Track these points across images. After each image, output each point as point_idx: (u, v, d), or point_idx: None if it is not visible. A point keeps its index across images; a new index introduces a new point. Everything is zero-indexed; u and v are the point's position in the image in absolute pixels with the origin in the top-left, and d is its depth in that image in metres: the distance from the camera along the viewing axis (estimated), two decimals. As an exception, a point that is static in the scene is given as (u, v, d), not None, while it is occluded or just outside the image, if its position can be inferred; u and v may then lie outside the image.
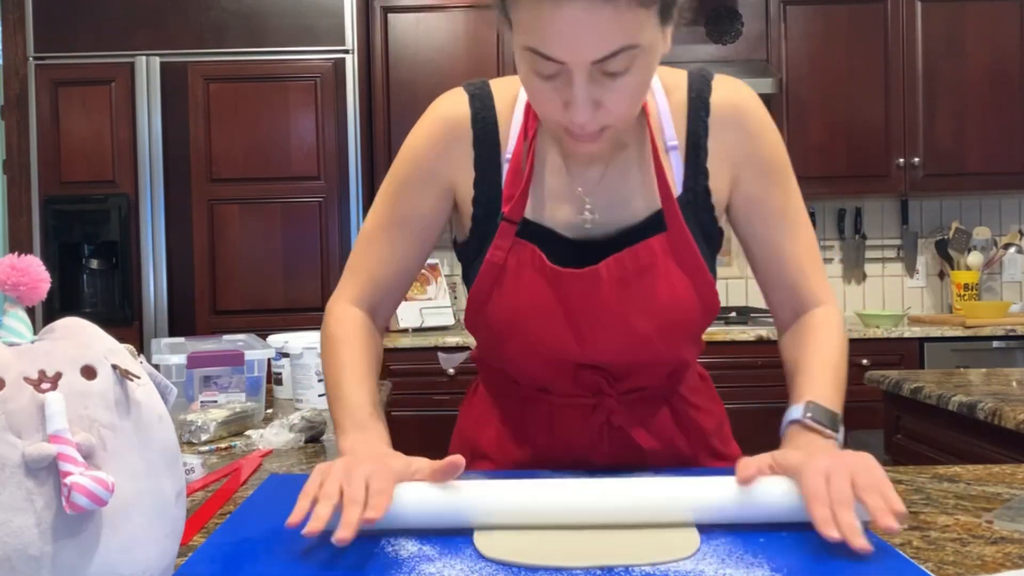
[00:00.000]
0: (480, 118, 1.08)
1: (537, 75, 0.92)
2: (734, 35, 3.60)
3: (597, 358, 1.06)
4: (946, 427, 1.98)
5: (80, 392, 0.62)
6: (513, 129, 1.07)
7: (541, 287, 1.03)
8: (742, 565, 0.75)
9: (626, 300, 1.02)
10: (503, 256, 1.03)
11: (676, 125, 1.06)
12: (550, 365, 1.08)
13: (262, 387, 1.72)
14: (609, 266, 1.01)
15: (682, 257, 1.03)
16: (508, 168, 1.06)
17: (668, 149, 1.05)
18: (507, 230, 1.04)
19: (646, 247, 1.02)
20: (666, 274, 1.02)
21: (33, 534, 0.57)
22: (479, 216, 1.07)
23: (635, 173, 1.05)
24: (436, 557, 0.78)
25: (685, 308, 1.04)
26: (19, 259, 0.65)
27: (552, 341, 1.04)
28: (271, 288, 3.24)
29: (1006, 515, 0.90)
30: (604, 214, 1.05)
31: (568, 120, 0.93)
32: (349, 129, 3.24)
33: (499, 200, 1.06)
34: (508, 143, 1.07)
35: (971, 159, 3.58)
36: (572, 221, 1.05)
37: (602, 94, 0.90)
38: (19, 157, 3.37)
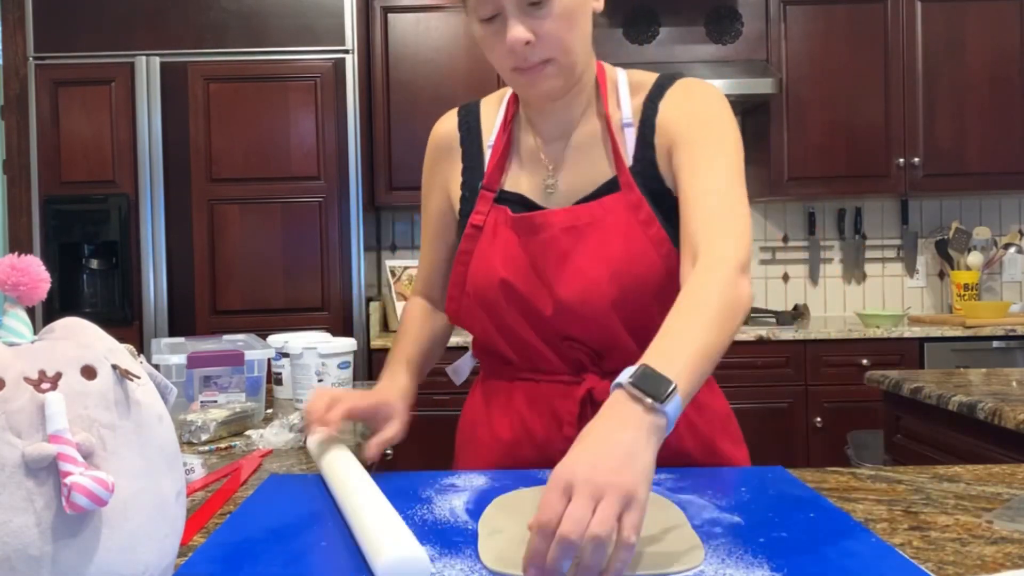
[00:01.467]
0: (465, 122, 1.28)
1: (482, 23, 1.08)
2: (734, 35, 3.60)
3: (563, 308, 1.13)
4: (946, 427, 1.98)
5: (80, 392, 0.62)
6: (496, 123, 1.24)
7: (512, 240, 1.16)
8: (742, 565, 0.75)
9: (578, 248, 1.13)
10: (482, 218, 1.20)
11: (635, 110, 1.18)
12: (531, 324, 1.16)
13: (262, 387, 1.72)
14: (559, 215, 1.15)
15: (635, 212, 1.13)
16: (491, 151, 1.23)
17: (624, 126, 1.17)
18: (486, 197, 1.21)
19: (599, 203, 1.14)
20: (617, 226, 1.12)
21: (33, 534, 0.57)
22: (466, 196, 1.24)
23: (593, 146, 1.19)
24: (436, 557, 0.78)
25: (640, 259, 1.11)
26: (19, 259, 0.65)
27: (519, 288, 1.15)
28: (271, 288, 3.24)
29: (1006, 515, 0.90)
30: (566, 182, 1.19)
31: (514, 58, 1.08)
32: (349, 129, 3.24)
33: (481, 180, 1.22)
34: (491, 135, 1.24)
35: (971, 159, 3.58)
36: (539, 187, 1.20)
37: (533, 24, 1.06)
38: (19, 157, 3.37)
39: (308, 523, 0.90)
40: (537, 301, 1.15)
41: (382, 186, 3.56)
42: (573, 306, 1.13)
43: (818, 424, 3.30)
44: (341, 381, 1.82)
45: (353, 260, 3.24)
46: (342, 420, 1.12)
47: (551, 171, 1.19)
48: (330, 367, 1.80)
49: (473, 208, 1.21)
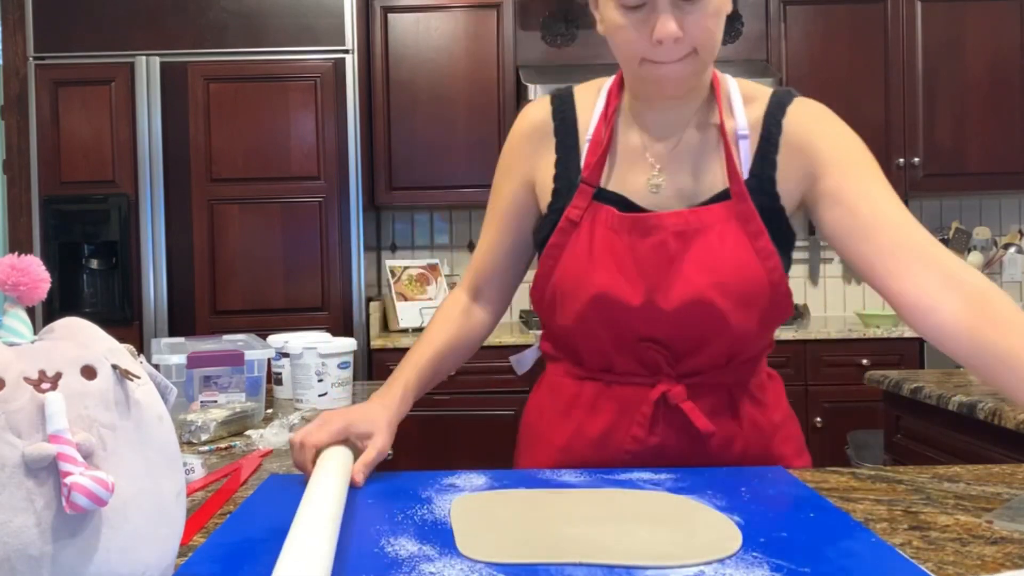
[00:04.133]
0: (560, 110, 1.20)
1: (624, 9, 1.03)
2: (734, 35, 3.60)
3: (659, 314, 1.10)
4: (946, 427, 1.98)
5: (80, 392, 0.61)
6: (595, 113, 1.18)
7: (611, 240, 1.11)
8: (742, 565, 0.75)
9: (686, 253, 1.09)
10: (579, 213, 1.14)
11: (751, 122, 1.14)
12: (615, 327, 1.13)
13: (262, 387, 1.72)
14: (671, 218, 1.10)
15: (744, 223, 1.10)
16: (589, 143, 1.17)
17: (739, 137, 1.13)
18: (585, 191, 1.14)
19: (709, 210, 1.11)
20: (725, 235, 1.09)
21: (33, 534, 0.57)
22: (559, 189, 1.17)
23: (704, 151, 1.14)
24: (436, 557, 0.78)
25: (746, 270, 1.09)
26: (19, 259, 0.65)
27: (616, 291, 1.10)
28: (271, 288, 3.23)
29: (1006, 515, 0.90)
30: (671, 185, 1.14)
31: (653, 49, 1.02)
32: (349, 129, 3.24)
33: (578, 174, 1.16)
34: (589, 127, 1.18)
35: (971, 159, 3.58)
36: (642, 189, 1.14)
37: (682, 17, 1.01)
38: (19, 157, 3.37)
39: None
40: (631, 304, 1.10)
41: (382, 186, 3.56)
42: (674, 312, 1.09)
43: (818, 424, 3.30)
44: (341, 381, 1.82)
45: (353, 260, 3.24)
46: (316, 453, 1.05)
47: (657, 172, 1.14)
48: (330, 367, 1.80)
49: (569, 202, 1.15)
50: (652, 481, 1.04)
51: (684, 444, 1.14)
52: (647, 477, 1.06)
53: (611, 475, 1.07)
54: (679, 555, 0.76)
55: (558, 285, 1.15)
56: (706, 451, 1.14)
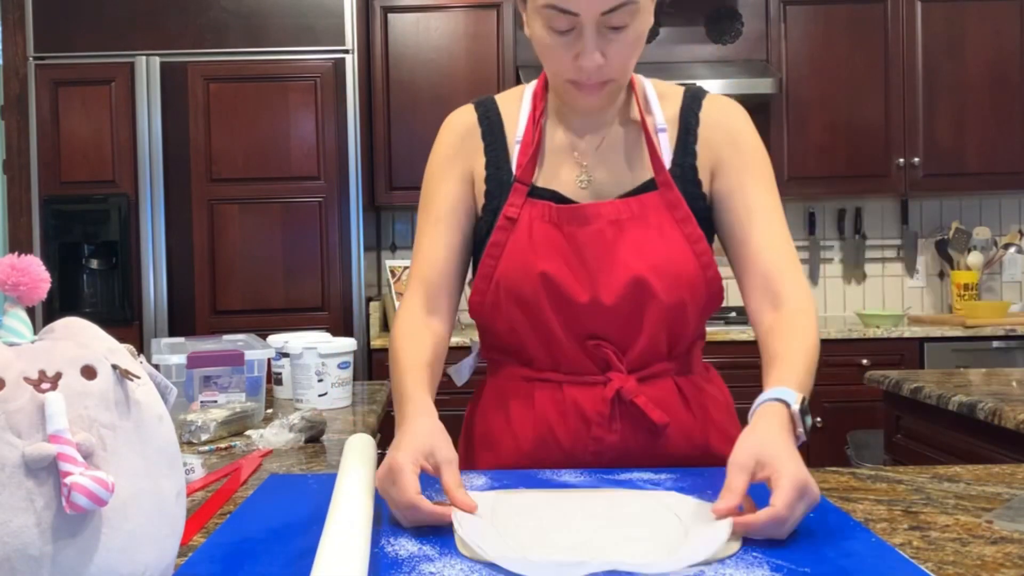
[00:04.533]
0: (485, 116, 1.26)
1: (552, 31, 1.09)
2: (734, 35, 3.60)
3: (601, 297, 1.14)
4: (946, 427, 1.98)
5: (80, 392, 0.61)
6: (522, 116, 1.24)
7: (550, 231, 1.16)
8: (742, 565, 0.75)
9: (621, 239, 1.15)
10: (516, 211, 1.18)
11: (668, 117, 1.23)
12: (560, 315, 1.15)
13: (262, 387, 1.72)
14: (606, 207, 1.16)
15: (672, 210, 1.17)
16: (520, 145, 1.22)
17: (657, 131, 1.21)
18: (520, 190, 1.19)
19: (639, 199, 1.17)
20: (658, 224, 1.16)
21: (33, 534, 0.57)
22: (491, 191, 1.22)
23: (628, 147, 1.22)
24: (436, 557, 0.78)
25: (677, 254, 1.15)
26: (19, 259, 0.65)
27: (560, 277, 1.14)
28: (271, 288, 3.23)
29: (1006, 515, 0.90)
30: (600, 179, 1.21)
31: (577, 71, 1.10)
32: (349, 129, 3.24)
33: (510, 174, 1.21)
34: (517, 130, 1.23)
35: (971, 159, 3.58)
36: (572, 184, 1.21)
37: (606, 46, 1.08)
38: (19, 157, 3.37)
39: (308, 523, 0.90)
40: (576, 293, 1.15)
41: (382, 186, 3.56)
42: (617, 299, 1.14)
43: (818, 424, 3.30)
44: (341, 381, 1.82)
45: (353, 260, 3.24)
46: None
47: (584, 167, 1.21)
48: (330, 367, 1.80)
49: (504, 202, 1.19)
50: (652, 481, 1.04)
51: (643, 438, 1.17)
52: (647, 477, 1.06)
53: (611, 475, 1.07)
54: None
55: (502, 280, 1.17)
56: (664, 443, 1.17)
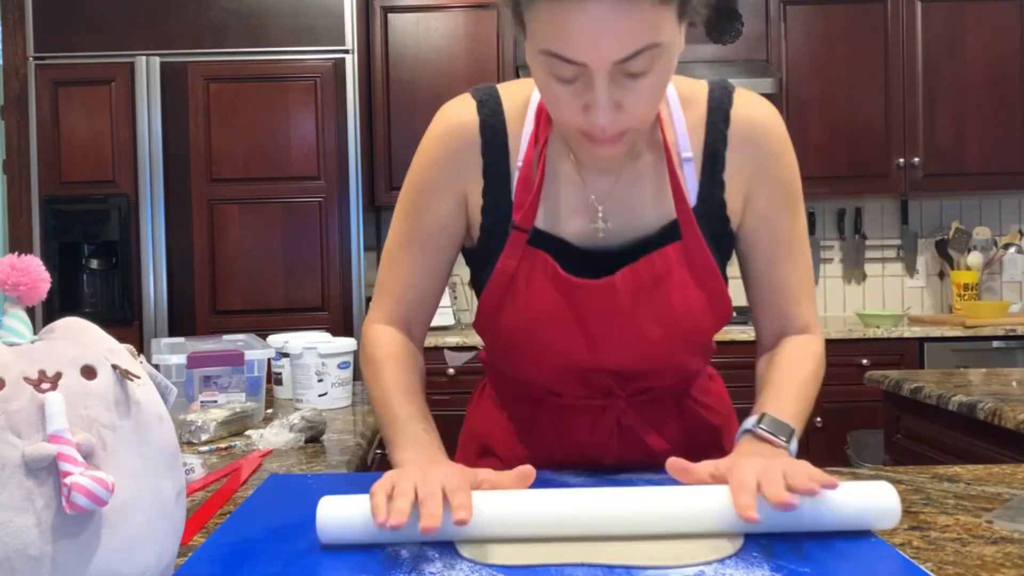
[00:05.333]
0: (488, 125, 1.05)
1: (556, 79, 0.89)
2: (734, 35, 3.58)
3: (608, 365, 1.07)
4: (946, 427, 1.98)
5: (80, 392, 0.61)
6: (524, 135, 1.05)
7: (553, 296, 1.02)
8: (742, 565, 0.75)
9: (639, 309, 1.02)
10: (514, 265, 1.02)
11: (692, 138, 1.05)
12: (561, 371, 1.09)
13: (262, 387, 1.72)
14: (624, 276, 1.01)
15: (696, 267, 1.03)
16: (518, 176, 1.04)
17: (682, 161, 1.04)
18: (518, 239, 1.02)
19: (661, 256, 1.02)
20: (680, 284, 1.03)
21: (33, 534, 0.57)
22: (488, 226, 1.06)
23: (648, 183, 1.04)
24: (436, 557, 0.78)
25: (697, 317, 1.05)
26: (19, 259, 0.65)
27: (564, 349, 1.05)
28: (271, 288, 3.23)
29: (1006, 515, 0.90)
30: (616, 224, 1.04)
31: (588, 124, 0.91)
32: (349, 129, 3.23)
33: (509, 209, 1.04)
34: (519, 150, 1.04)
35: (971, 159, 3.58)
36: (584, 231, 1.04)
37: (623, 95, 0.88)
38: (19, 157, 3.37)
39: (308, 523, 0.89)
40: (580, 358, 1.05)
41: (382, 186, 3.55)
42: (621, 364, 1.07)
43: (818, 424, 3.29)
44: (341, 381, 1.82)
45: (353, 260, 3.24)
46: None
47: (600, 213, 1.03)
48: (330, 367, 1.80)
49: (498, 245, 1.03)
50: (652, 481, 1.03)
51: (640, 460, 1.12)
52: (647, 477, 1.06)
53: (611, 475, 1.07)
54: (679, 555, 0.76)
55: (499, 334, 1.09)
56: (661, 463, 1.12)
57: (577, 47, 0.85)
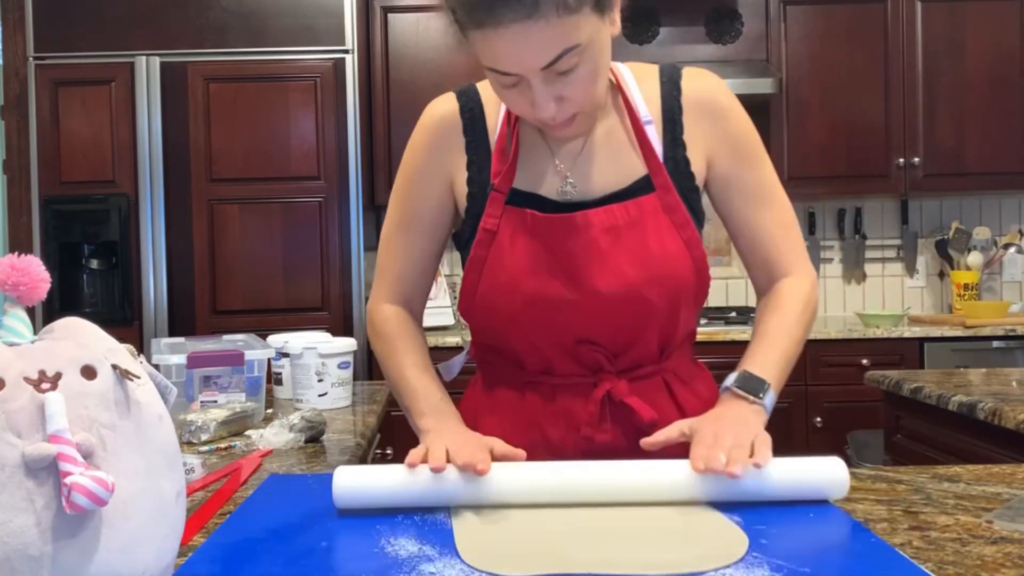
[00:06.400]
0: (467, 108, 1.18)
1: (502, 86, 1.04)
2: (734, 35, 3.60)
3: (594, 310, 1.11)
4: (946, 427, 1.98)
5: (80, 392, 0.61)
6: (499, 116, 1.17)
7: (534, 244, 1.11)
8: (742, 565, 0.75)
9: (617, 248, 1.10)
10: (495, 222, 1.13)
11: (650, 106, 1.16)
12: (550, 330, 1.13)
13: (262, 387, 1.72)
14: (599, 214, 1.10)
15: (671, 214, 1.12)
16: (495, 147, 1.16)
17: (644, 123, 1.14)
18: (497, 199, 1.13)
19: (636, 204, 1.11)
20: (656, 227, 1.11)
21: (33, 534, 0.57)
22: (474, 194, 1.16)
23: (615, 144, 1.15)
24: (436, 557, 0.78)
25: (676, 261, 1.12)
26: (19, 259, 0.65)
27: (548, 295, 1.11)
28: (271, 288, 3.23)
29: (1006, 515, 0.90)
30: (586, 184, 1.14)
31: (538, 116, 1.03)
32: (349, 129, 3.24)
33: (490, 178, 1.15)
34: (495, 129, 1.17)
35: (971, 159, 3.58)
36: (556, 188, 1.14)
37: (561, 89, 1.01)
38: (19, 157, 3.37)
39: (308, 523, 0.90)
40: (565, 307, 1.11)
41: (382, 186, 3.55)
42: (609, 308, 1.11)
43: (818, 424, 3.30)
44: (341, 381, 1.82)
45: (353, 260, 3.24)
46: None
47: (568, 169, 1.14)
48: (330, 367, 1.80)
49: (482, 213, 1.14)
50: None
51: (632, 436, 1.14)
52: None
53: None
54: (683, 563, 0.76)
55: (486, 296, 1.14)
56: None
57: (507, 62, 0.99)
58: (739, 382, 1.07)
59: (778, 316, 1.15)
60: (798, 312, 1.15)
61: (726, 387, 1.08)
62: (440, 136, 1.19)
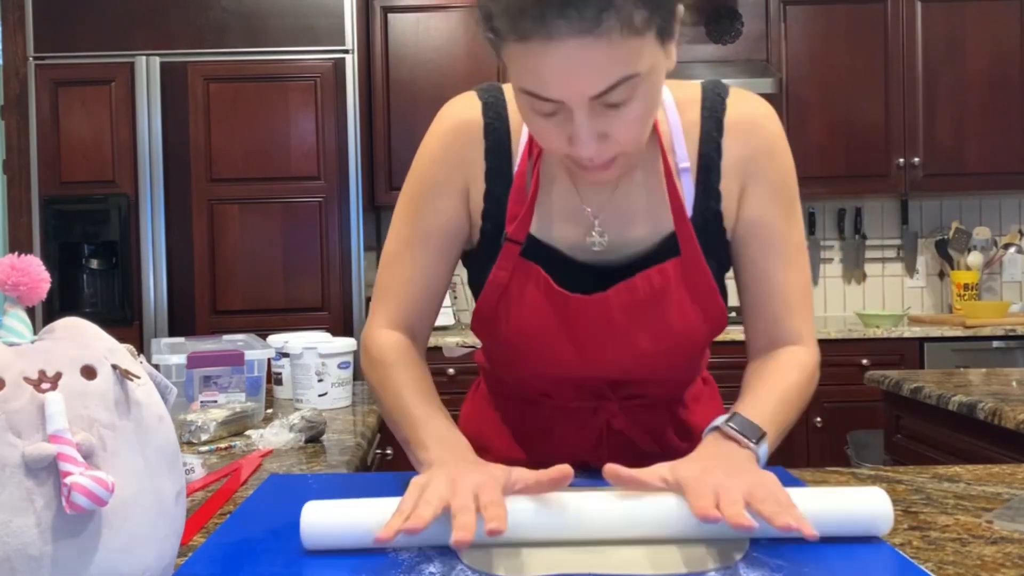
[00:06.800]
0: (493, 129, 1.03)
1: (536, 114, 0.88)
2: (734, 35, 3.60)
3: (599, 374, 1.08)
4: (946, 427, 1.98)
5: (80, 392, 0.61)
6: (521, 141, 1.03)
7: (545, 309, 1.01)
8: (742, 565, 0.75)
9: (633, 324, 1.01)
10: (507, 277, 1.02)
11: (688, 145, 1.03)
12: (553, 377, 1.10)
13: (262, 387, 1.72)
14: (619, 292, 1.00)
15: (694, 283, 1.01)
16: (512, 186, 1.02)
17: (680, 171, 1.02)
18: (511, 250, 1.01)
19: (660, 272, 1.00)
20: (678, 301, 1.01)
21: (33, 534, 0.57)
22: (487, 230, 1.04)
23: (645, 194, 1.02)
24: (436, 557, 0.78)
25: (692, 332, 1.04)
26: (19, 259, 0.65)
27: (555, 359, 1.05)
28: (271, 288, 3.23)
29: (1006, 515, 0.90)
30: (612, 235, 1.02)
31: (575, 153, 0.89)
32: (349, 129, 3.23)
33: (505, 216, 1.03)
34: (520, 143, 1.03)
35: (971, 159, 3.58)
36: (579, 242, 1.03)
37: (606, 125, 0.86)
38: (19, 157, 3.37)
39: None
40: (571, 369, 1.06)
41: (382, 186, 3.56)
42: (615, 374, 1.08)
43: (818, 424, 3.29)
44: (341, 381, 1.82)
45: (353, 260, 3.24)
46: None
47: (597, 226, 1.02)
48: (330, 367, 1.80)
49: (496, 251, 1.03)
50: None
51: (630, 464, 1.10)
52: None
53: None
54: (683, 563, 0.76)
55: (492, 343, 1.11)
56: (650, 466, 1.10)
57: (551, 86, 0.83)
58: (734, 423, 0.92)
59: (781, 377, 1.01)
60: (799, 381, 1.02)
61: (714, 427, 0.93)
62: (459, 149, 1.04)
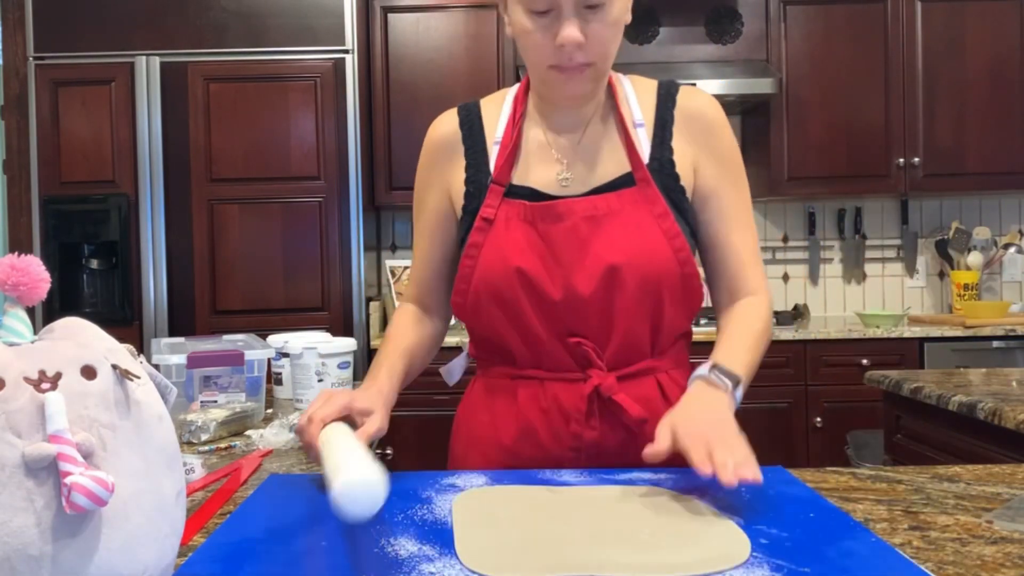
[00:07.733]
0: (466, 119, 1.29)
1: (531, 14, 1.12)
2: (734, 35, 3.60)
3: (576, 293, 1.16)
4: (946, 427, 1.98)
5: (80, 392, 0.61)
6: (502, 120, 1.27)
7: (526, 229, 1.19)
8: (742, 566, 0.75)
9: (596, 234, 1.17)
10: (493, 211, 1.21)
11: (644, 111, 1.25)
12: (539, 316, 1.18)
13: (262, 387, 1.72)
14: (582, 203, 1.18)
15: (650, 205, 1.18)
16: (498, 148, 1.25)
17: (636, 125, 1.23)
18: (496, 190, 1.22)
19: (617, 195, 1.19)
20: (634, 217, 1.18)
21: (33, 534, 0.57)
22: (470, 192, 1.25)
23: (606, 142, 1.24)
24: (436, 557, 0.78)
25: (654, 248, 1.17)
26: (19, 259, 0.65)
27: (534, 279, 1.17)
28: (271, 288, 3.23)
29: (1006, 515, 0.90)
30: (579, 174, 1.22)
31: (558, 55, 1.12)
32: (349, 129, 3.23)
33: (488, 176, 1.24)
34: (496, 131, 1.26)
35: (971, 159, 3.58)
36: (551, 180, 1.22)
37: (585, 26, 1.10)
38: (19, 157, 3.37)
39: (308, 523, 0.90)
40: (552, 289, 1.17)
41: (382, 186, 3.56)
42: (591, 292, 1.16)
43: (818, 424, 3.29)
44: (341, 381, 1.82)
45: (353, 260, 3.24)
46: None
47: (564, 166, 1.23)
48: (330, 367, 1.80)
49: (482, 203, 1.22)
50: (652, 481, 1.04)
51: (621, 435, 1.19)
52: (647, 477, 1.06)
53: (611, 475, 1.07)
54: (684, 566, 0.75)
55: (480, 280, 1.20)
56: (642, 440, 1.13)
57: None
58: (716, 373, 1.11)
59: (748, 327, 1.21)
60: (763, 328, 1.22)
61: (699, 376, 1.11)
62: (439, 150, 1.30)
